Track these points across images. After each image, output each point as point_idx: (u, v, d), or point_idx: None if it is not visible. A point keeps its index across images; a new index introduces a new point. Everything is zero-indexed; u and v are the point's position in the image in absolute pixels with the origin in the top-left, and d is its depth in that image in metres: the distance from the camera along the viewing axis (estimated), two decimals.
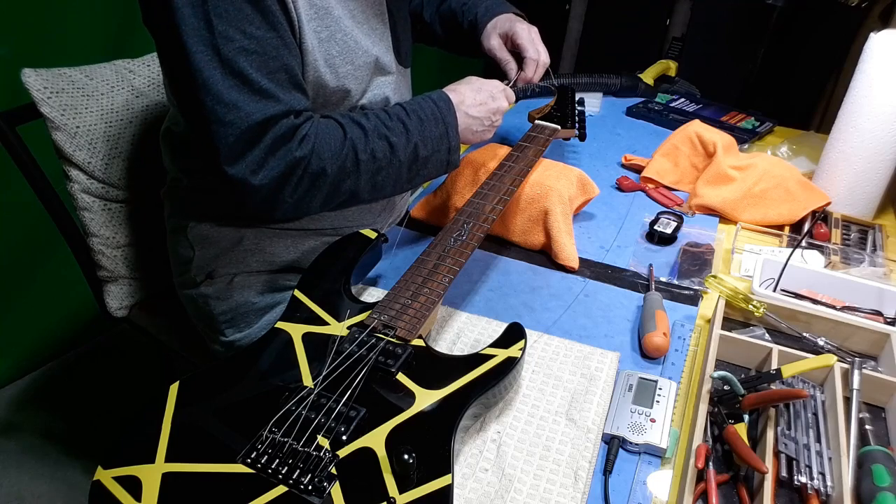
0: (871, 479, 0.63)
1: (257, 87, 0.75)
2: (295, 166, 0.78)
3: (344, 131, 0.82)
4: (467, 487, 0.65)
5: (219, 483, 0.58)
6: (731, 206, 1.12)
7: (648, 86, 1.62)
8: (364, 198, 0.87)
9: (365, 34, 0.89)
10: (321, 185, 0.81)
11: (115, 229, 1.11)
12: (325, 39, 0.82)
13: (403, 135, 0.86)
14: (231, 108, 0.74)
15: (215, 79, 0.73)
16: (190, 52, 0.72)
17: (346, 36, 0.85)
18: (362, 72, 0.88)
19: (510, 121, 1.49)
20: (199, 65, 0.72)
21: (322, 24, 0.82)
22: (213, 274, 0.95)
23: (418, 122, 0.87)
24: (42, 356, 1.78)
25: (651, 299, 0.88)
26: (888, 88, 1.04)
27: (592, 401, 0.74)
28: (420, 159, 0.88)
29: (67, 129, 1.01)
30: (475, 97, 0.93)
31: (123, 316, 1.19)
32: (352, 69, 0.87)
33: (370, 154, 0.83)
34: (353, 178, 0.83)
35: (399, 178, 0.88)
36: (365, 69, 0.89)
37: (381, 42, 0.93)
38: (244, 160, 0.76)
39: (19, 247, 1.60)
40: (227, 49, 0.72)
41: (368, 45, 0.89)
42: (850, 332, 0.83)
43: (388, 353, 0.69)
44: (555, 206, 0.98)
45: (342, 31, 0.84)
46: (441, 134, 0.89)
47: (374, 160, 0.83)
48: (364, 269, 0.91)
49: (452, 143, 0.90)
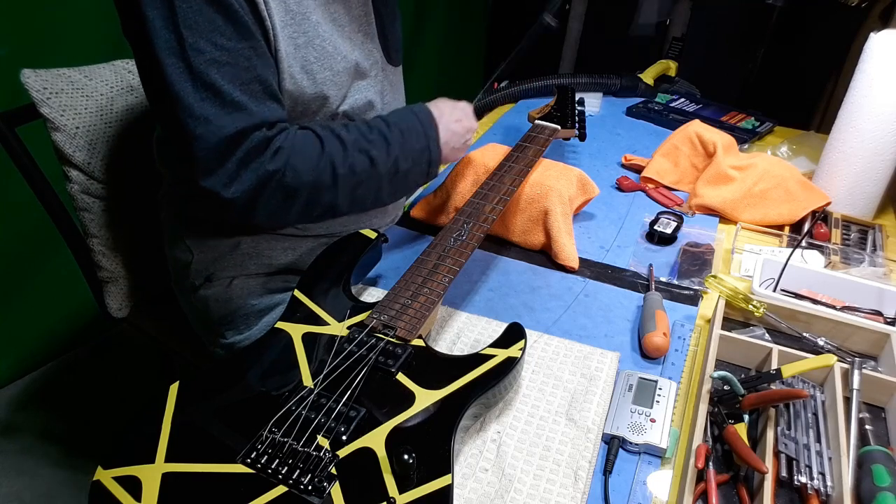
0: (871, 479, 0.63)
1: (229, 100, 0.74)
2: (268, 180, 0.77)
3: (322, 145, 0.81)
4: (467, 487, 0.65)
5: (219, 483, 0.58)
6: (731, 206, 1.12)
7: (648, 86, 1.62)
8: (343, 210, 0.86)
9: (345, 38, 0.87)
10: (297, 198, 0.81)
11: (115, 230, 1.11)
12: (301, 45, 0.81)
13: (384, 148, 0.85)
14: (202, 122, 0.73)
15: (186, 91, 0.72)
16: (162, 64, 0.71)
17: (324, 41, 0.84)
18: (342, 77, 0.87)
19: (510, 121, 1.49)
20: (171, 77, 0.72)
21: (299, 30, 0.81)
22: (212, 277, 0.95)
23: (399, 135, 0.86)
24: (42, 356, 1.78)
25: (651, 299, 0.88)
26: (888, 88, 1.04)
27: (592, 401, 0.74)
28: (401, 172, 0.87)
29: (67, 129, 1.01)
30: (453, 112, 0.94)
31: (123, 316, 1.19)
32: (330, 75, 0.85)
33: (349, 168, 0.82)
34: (331, 191, 0.82)
35: (379, 192, 0.87)
36: (344, 74, 0.87)
37: (365, 44, 0.92)
38: (216, 174, 0.76)
39: (19, 247, 1.60)
40: (198, 61, 0.72)
41: (348, 49, 0.88)
42: (850, 332, 0.83)
43: (388, 354, 0.69)
44: (555, 206, 0.98)
45: (320, 36, 0.83)
46: (423, 147, 0.88)
47: (353, 174, 0.83)
48: (364, 269, 0.91)
49: (433, 157, 0.90)
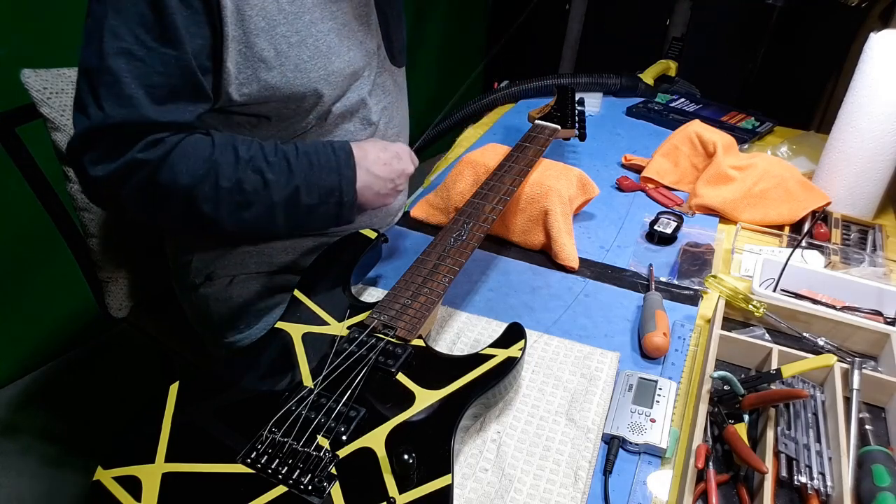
0: (871, 479, 0.63)
1: (126, 93, 0.71)
2: (135, 168, 0.74)
3: (212, 152, 0.77)
4: (467, 487, 0.65)
5: (219, 483, 0.58)
6: (731, 206, 1.12)
7: (648, 86, 1.62)
8: (228, 229, 0.80)
9: (344, 37, 0.86)
10: (170, 199, 0.76)
11: (116, 230, 1.11)
12: (295, 44, 0.80)
13: (284, 174, 0.80)
14: (94, 102, 0.72)
15: (91, 67, 0.72)
16: (84, 35, 0.72)
17: (318, 40, 0.82)
18: (336, 77, 0.86)
19: (510, 121, 1.49)
20: (84, 50, 0.72)
21: (292, 29, 0.79)
22: (213, 276, 0.95)
23: (307, 165, 0.81)
24: (42, 356, 1.78)
25: (651, 299, 0.88)
26: (888, 88, 1.04)
27: (592, 401, 0.74)
28: (302, 206, 0.82)
29: (67, 129, 1.01)
30: (379, 155, 0.88)
31: (123, 316, 1.19)
32: (325, 74, 0.84)
33: (235, 183, 0.77)
34: (212, 204, 0.77)
35: (273, 219, 0.81)
36: (340, 74, 0.86)
37: (364, 44, 0.91)
38: (88, 152, 0.74)
39: (19, 247, 1.60)
40: (111, 45, 0.71)
41: (346, 48, 0.87)
42: (850, 332, 0.83)
43: (388, 354, 0.69)
44: (555, 206, 0.98)
45: (314, 35, 0.82)
46: (333, 185, 0.83)
47: (239, 191, 0.78)
48: (364, 269, 0.91)
49: (345, 199, 0.84)
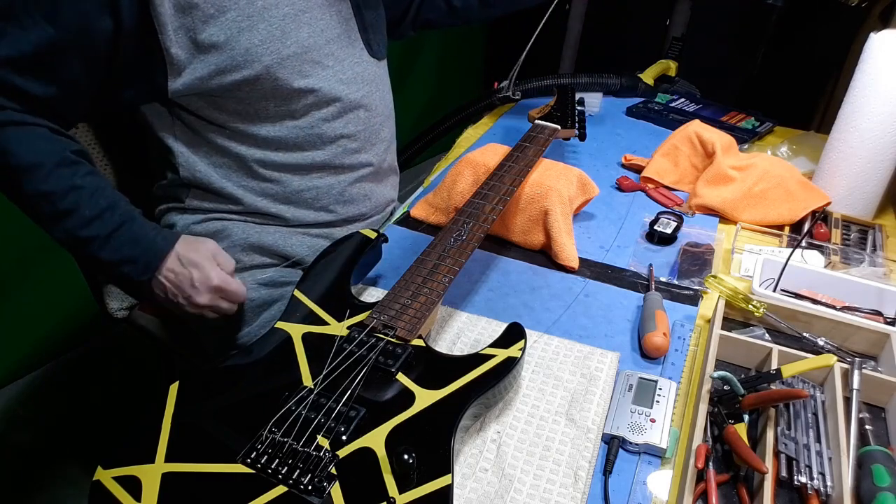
0: (871, 479, 0.63)
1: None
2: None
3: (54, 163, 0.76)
4: (467, 487, 0.65)
5: (219, 483, 0.58)
6: (731, 206, 1.12)
7: (648, 86, 1.62)
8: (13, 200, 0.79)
9: (304, 23, 0.89)
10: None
11: None
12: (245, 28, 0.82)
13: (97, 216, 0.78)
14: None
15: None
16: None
17: (271, 25, 0.85)
18: (292, 61, 0.88)
19: (510, 121, 1.49)
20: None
21: (243, 14, 0.82)
22: None
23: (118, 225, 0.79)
24: (42, 356, 1.78)
25: (651, 299, 0.88)
26: (888, 88, 1.04)
27: (592, 401, 0.74)
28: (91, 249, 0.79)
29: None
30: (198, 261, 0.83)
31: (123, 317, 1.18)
32: (277, 58, 0.86)
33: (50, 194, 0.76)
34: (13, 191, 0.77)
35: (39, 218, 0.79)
36: (296, 59, 0.88)
37: (328, 31, 0.92)
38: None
39: (19, 247, 1.60)
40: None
41: (307, 34, 0.89)
42: (850, 332, 0.83)
43: (388, 353, 0.69)
44: (555, 206, 0.98)
45: (266, 20, 0.84)
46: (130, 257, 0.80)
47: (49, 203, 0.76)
48: (364, 269, 0.91)
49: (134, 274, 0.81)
